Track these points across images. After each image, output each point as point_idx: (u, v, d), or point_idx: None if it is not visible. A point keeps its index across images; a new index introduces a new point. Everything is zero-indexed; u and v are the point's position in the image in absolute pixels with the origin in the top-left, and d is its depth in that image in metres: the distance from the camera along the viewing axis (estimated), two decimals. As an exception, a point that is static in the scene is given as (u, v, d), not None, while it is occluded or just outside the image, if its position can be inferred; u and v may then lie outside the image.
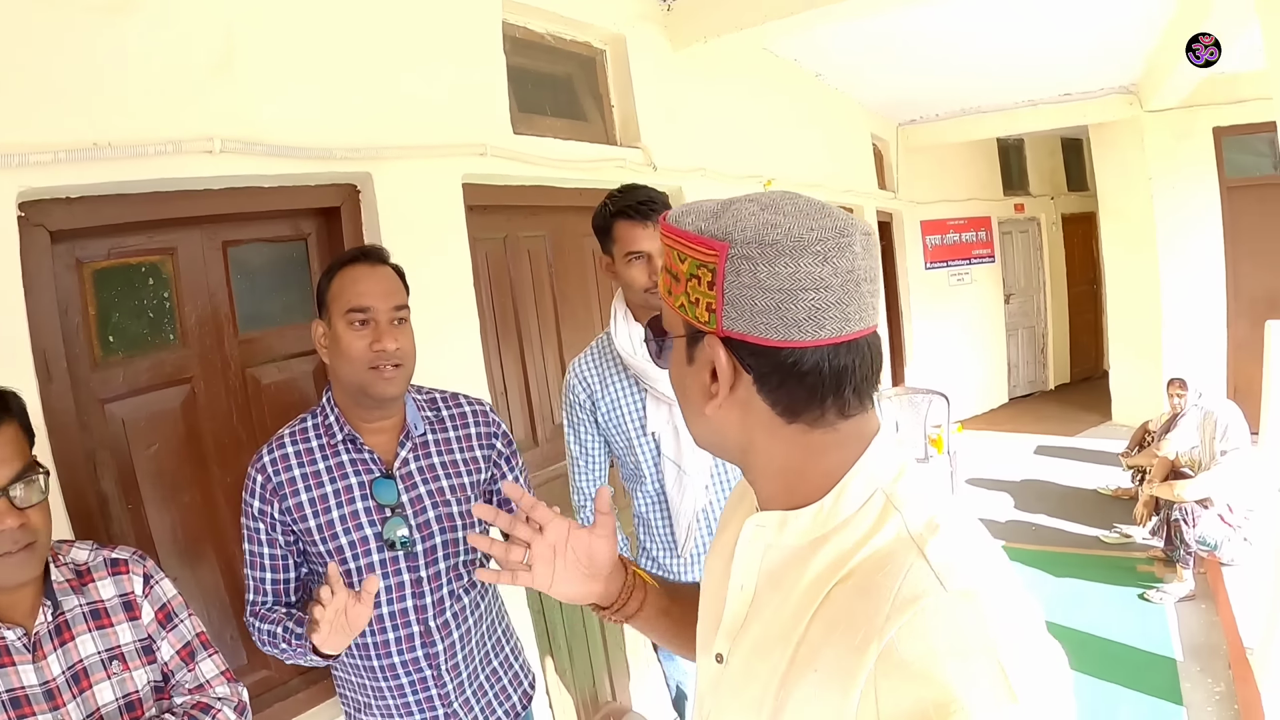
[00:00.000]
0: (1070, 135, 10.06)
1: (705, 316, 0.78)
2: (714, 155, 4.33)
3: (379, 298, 1.65)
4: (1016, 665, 0.65)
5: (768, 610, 0.83)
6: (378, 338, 1.63)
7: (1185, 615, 4.37)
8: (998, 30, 5.18)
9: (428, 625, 1.71)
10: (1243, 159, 7.37)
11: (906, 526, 0.75)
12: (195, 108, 1.98)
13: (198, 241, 2.18)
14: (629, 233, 2.02)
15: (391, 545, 1.67)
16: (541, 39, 3.34)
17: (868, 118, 7.38)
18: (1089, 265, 10.72)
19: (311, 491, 1.67)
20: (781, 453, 0.82)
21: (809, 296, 0.74)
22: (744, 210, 0.77)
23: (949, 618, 0.67)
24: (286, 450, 1.70)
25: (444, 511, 1.73)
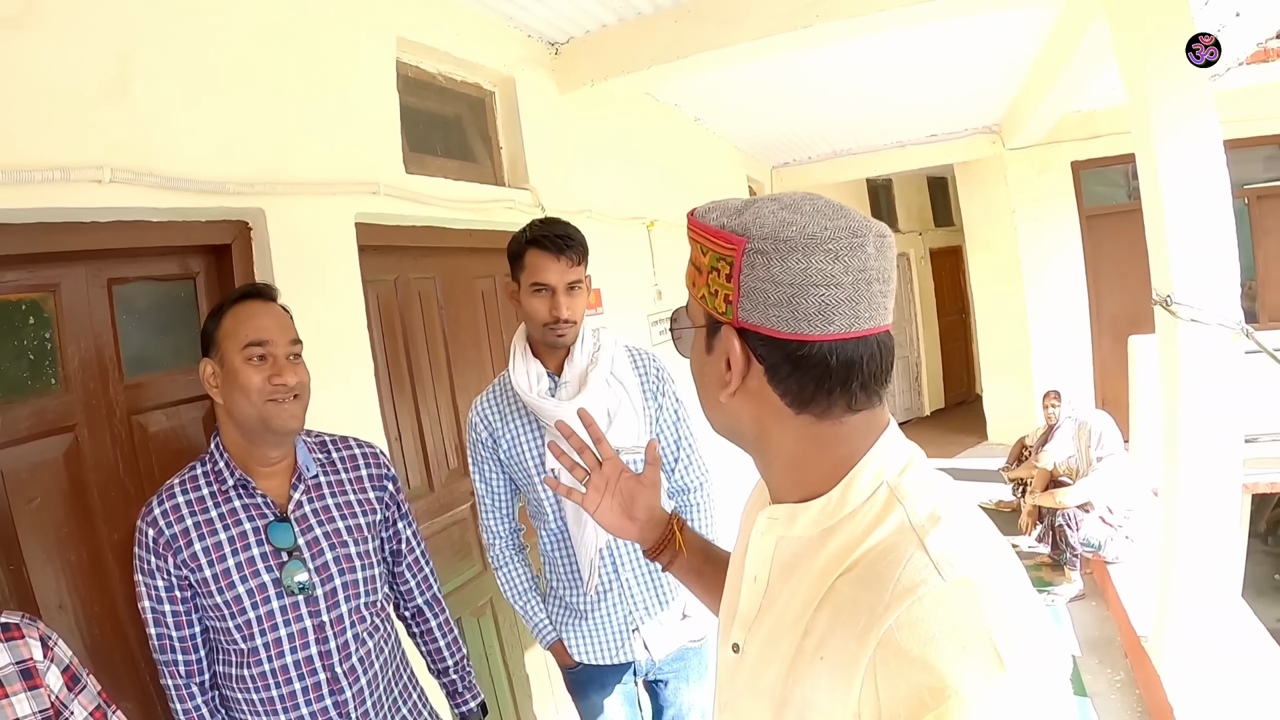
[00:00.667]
0: (936, 174, 10.60)
1: (723, 307, 0.82)
2: (600, 196, 4.38)
3: (276, 332, 1.67)
4: (1013, 653, 0.67)
5: (780, 601, 0.86)
6: (277, 371, 1.64)
7: (1078, 614, 4.58)
8: (867, 76, 5.37)
9: (334, 671, 1.68)
10: (1100, 189, 7.93)
11: (909, 518, 0.78)
12: (85, 134, 1.89)
13: (82, 279, 2.06)
14: (538, 262, 2.02)
15: (291, 591, 1.64)
16: (433, 79, 3.34)
17: (744, 160, 7.57)
18: (957, 295, 11.28)
19: (205, 540, 1.63)
20: (791, 442, 0.85)
21: (820, 292, 0.77)
22: (765, 208, 0.81)
23: (945, 606, 0.69)
24: (177, 500, 1.66)
25: (342, 553, 1.73)
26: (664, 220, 5.21)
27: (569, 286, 2.04)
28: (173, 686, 1.68)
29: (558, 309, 2.01)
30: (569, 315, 2.03)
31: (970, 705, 0.64)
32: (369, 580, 1.78)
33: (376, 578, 1.82)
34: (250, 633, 1.63)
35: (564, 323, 2.03)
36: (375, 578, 1.81)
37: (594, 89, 4.00)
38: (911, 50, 4.86)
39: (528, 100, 3.77)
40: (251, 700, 1.66)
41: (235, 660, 1.66)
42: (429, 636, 2.04)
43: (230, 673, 1.67)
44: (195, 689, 1.69)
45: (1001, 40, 4.86)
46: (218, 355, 1.65)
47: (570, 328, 2.05)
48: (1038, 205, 7.99)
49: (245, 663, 1.65)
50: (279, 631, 1.64)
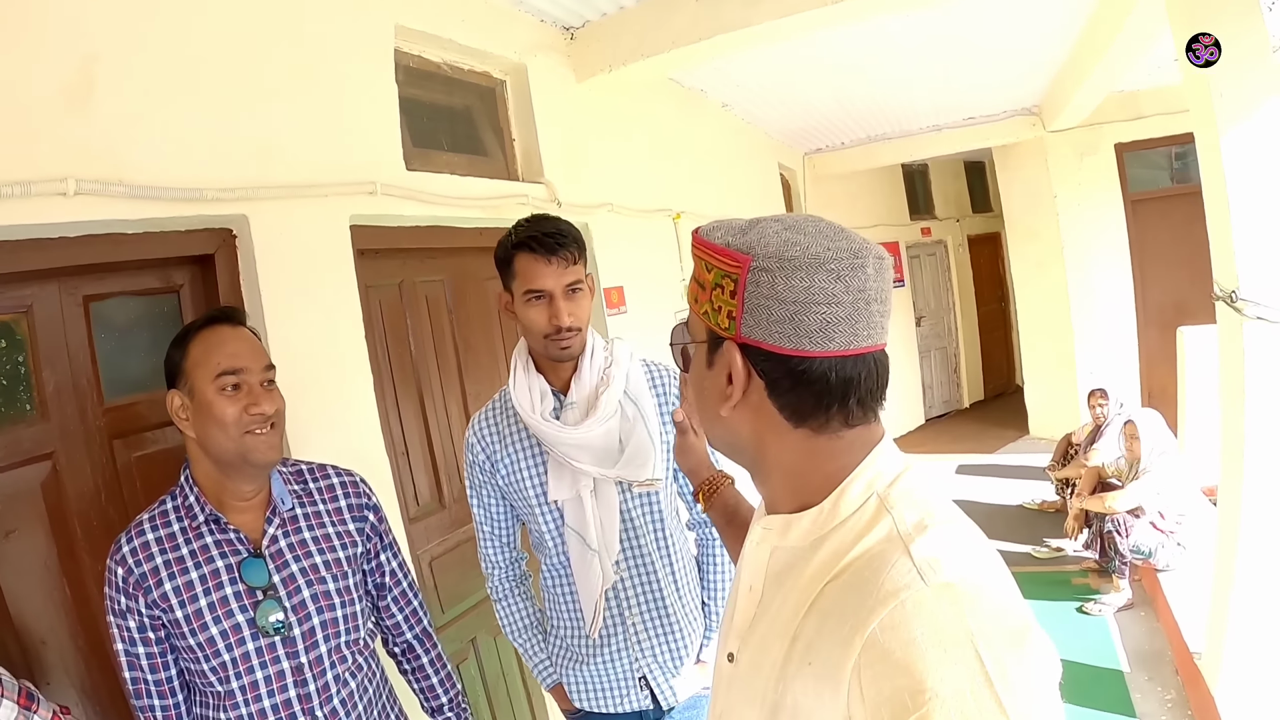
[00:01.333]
0: (973, 158, 10.35)
1: (726, 323, 0.85)
2: (621, 189, 4.22)
3: (250, 359, 1.60)
4: (994, 656, 0.68)
5: (772, 609, 0.88)
6: (254, 401, 1.57)
7: (1126, 625, 4.37)
8: (901, 56, 5.21)
9: (314, 715, 1.62)
10: (1144, 173, 7.66)
11: (896, 526, 0.80)
12: (47, 145, 1.78)
13: (55, 297, 1.97)
14: (530, 268, 1.80)
15: (266, 632, 1.58)
16: (438, 69, 3.17)
17: (775, 147, 7.40)
18: (996, 284, 11.01)
19: (176, 579, 1.56)
20: (788, 455, 0.88)
21: (821, 310, 0.81)
22: (769, 228, 0.85)
23: (927, 609, 0.71)
24: (147, 537, 1.58)
25: (319, 590, 1.65)
26: (691, 212, 5.05)
27: (568, 289, 1.81)
28: None
29: (558, 316, 1.79)
30: (572, 322, 1.80)
31: (951, 708, 0.66)
32: (349, 618, 1.70)
33: (358, 614, 1.73)
34: (226, 675, 1.56)
35: (567, 331, 1.81)
36: (356, 614, 1.72)
37: (612, 75, 3.84)
38: (947, 27, 4.68)
39: (541, 89, 3.60)
40: None
41: (214, 703, 1.60)
42: (420, 673, 1.94)
43: (208, 715, 1.61)
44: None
45: (1043, 13, 4.64)
46: (186, 386, 1.57)
47: (575, 336, 1.83)
48: (1080, 189, 7.73)
49: (223, 706, 1.58)
50: (255, 674, 1.57)
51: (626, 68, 3.77)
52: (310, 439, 2.27)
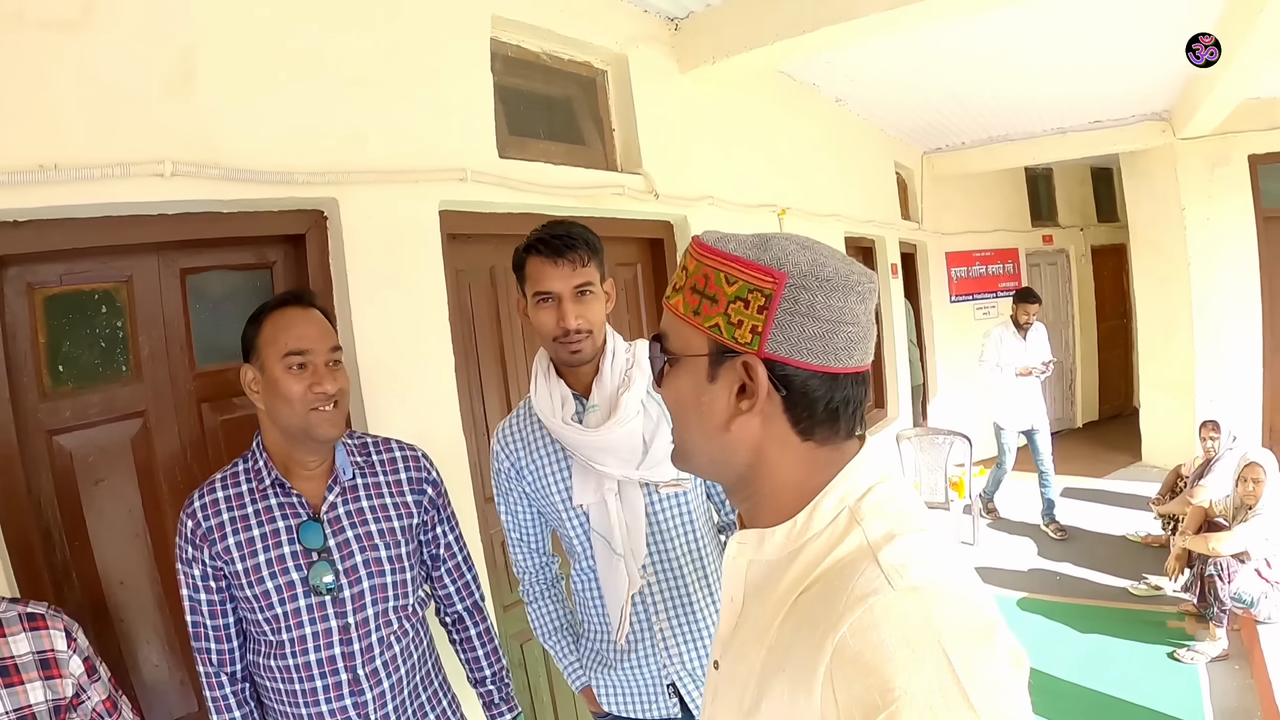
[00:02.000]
0: (1100, 164, 9.82)
1: (747, 337, 0.85)
2: (724, 183, 4.17)
3: (316, 340, 1.67)
4: (961, 655, 0.70)
5: (751, 619, 0.91)
6: (317, 380, 1.65)
7: (1217, 676, 4.10)
8: (1026, 55, 5.02)
9: (356, 673, 1.70)
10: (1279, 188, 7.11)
11: (866, 537, 0.83)
12: (147, 129, 1.90)
13: (154, 269, 2.10)
14: (539, 270, 1.80)
15: (317, 591, 1.67)
16: (536, 58, 3.19)
17: (891, 145, 7.19)
18: (1119, 299, 10.44)
19: (239, 535, 1.66)
20: (786, 467, 0.90)
21: (848, 329, 0.85)
22: (788, 246, 0.86)
23: (894, 612, 0.73)
24: (217, 495, 1.69)
25: (371, 556, 1.73)
26: (798, 209, 4.97)
27: (577, 292, 1.79)
28: (204, 674, 1.72)
29: (564, 318, 1.78)
30: (579, 324, 1.79)
31: (919, 706, 0.67)
32: (399, 585, 1.78)
33: (408, 582, 1.81)
34: (278, 627, 1.66)
35: (575, 334, 1.79)
36: (407, 582, 1.80)
37: (716, 66, 3.78)
38: (1073, 23, 4.45)
39: (643, 79, 3.59)
40: (279, 690, 1.70)
41: (265, 650, 1.70)
42: (468, 645, 2.00)
43: (259, 662, 1.71)
44: (225, 679, 1.73)
45: (1174, 8, 4.35)
46: (258, 362, 1.67)
47: (584, 339, 1.81)
48: (1210, 202, 7.20)
49: (274, 654, 1.68)
50: (304, 629, 1.67)
51: (731, 59, 3.71)
52: (388, 416, 2.34)
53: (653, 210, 3.62)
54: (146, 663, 2.09)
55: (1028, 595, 5.21)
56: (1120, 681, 4.03)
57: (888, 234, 6.85)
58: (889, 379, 6.93)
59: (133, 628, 2.07)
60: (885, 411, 6.92)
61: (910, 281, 8.07)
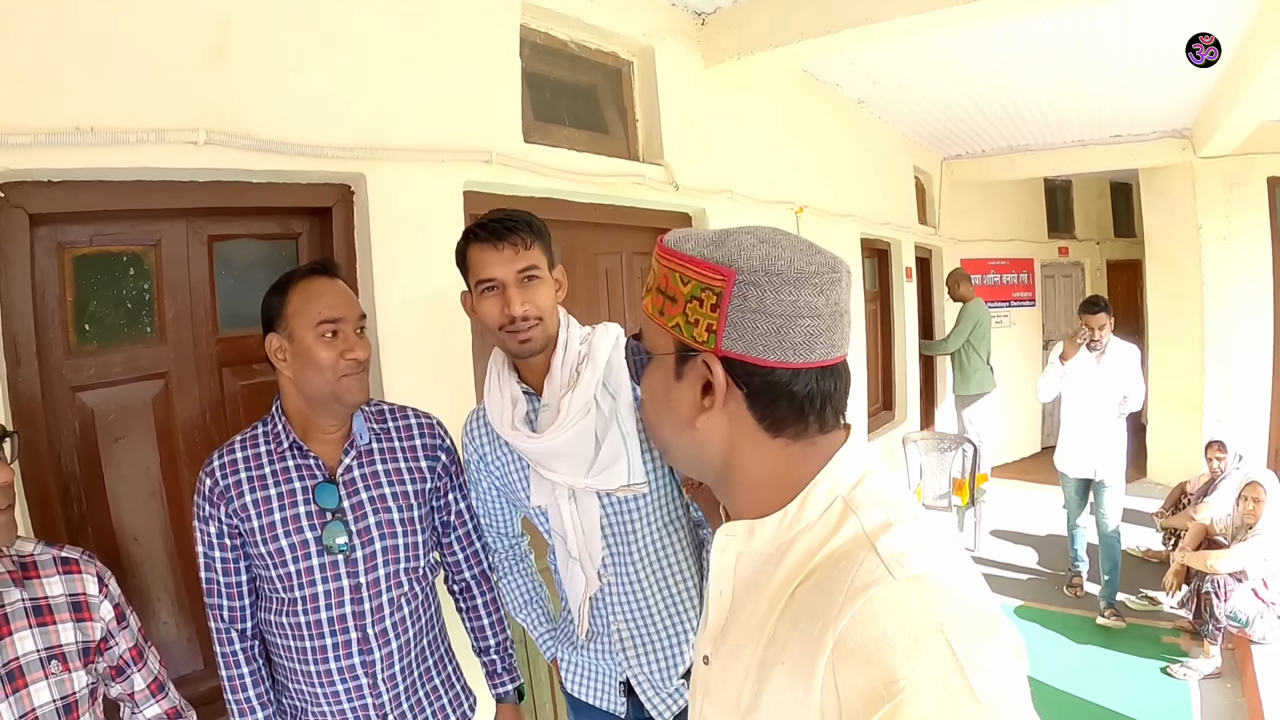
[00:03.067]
0: (1120, 179, 9.77)
1: (704, 336, 0.85)
2: (742, 178, 4.19)
3: (346, 308, 1.70)
4: (964, 644, 0.69)
5: (744, 613, 0.89)
6: (349, 347, 1.68)
7: (1209, 694, 4.10)
8: (1048, 64, 5.01)
9: (365, 632, 1.73)
10: (1297, 212, 7.05)
11: (862, 526, 0.82)
12: (182, 98, 1.94)
13: (182, 234, 2.14)
14: (480, 258, 1.69)
15: (331, 550, 1.70)
16: (564, 46, 3.23)
17: (912, 149, 7.19)
18: (1133, 314, 10.36)
19: (256, 493, 1.70)
20: (760, 464, 0.89)
21: (805, 323, 0.83)
22: (744, 241, 0.84)
23: (897, 602, 0.73)
24: (235, 455, 1.73)
25: (384, 518, 1.76)
26: (815, 207, 4.99)
27: (521, 277, 1.67)
28: (214, 629, 1.76)
29: (509, 305, 1.66)
30: (526, 310, 1.66)
31: (924, 696, 0.67)
32: (410, 547, 1.81)
33: (419, 545, 1.84)
34: (290, 584, 1.70)
35: (522, 321, 1.67)
36: (417, 544, 1.83)
37: (741, 62, 3.80)
38: (1099, 34, 4.45)
39: (668, 72, 3.61)
40: (289, 647, 1.73)
41: (277, 607, 1.74)
42: (474, 613, 2.02)
43: (271, 619, 1.75)
44: (235, 635, 1.76)
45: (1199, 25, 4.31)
46: (286, 331, 1.69)
47: (533, 327, 1.69)
48: (1227, 222, 7.17)
49: (285, 611, 1.72)
50: (316, 587, 1.70)
51: (755, 56, 3.73)
52: (404, 387, 2.37)
53: (672, 201, 3.66)
54: (156, 619, 2.13)
55: (1025, 603, 5.23)
56: (1112, 693, 4.04)
57: (904, 237, 6.86)
58: (897, 381, 6.95)
59: (144, 584, 2.11)
60: (893, 414, 6.92)
61: (924, 286, 8.05)
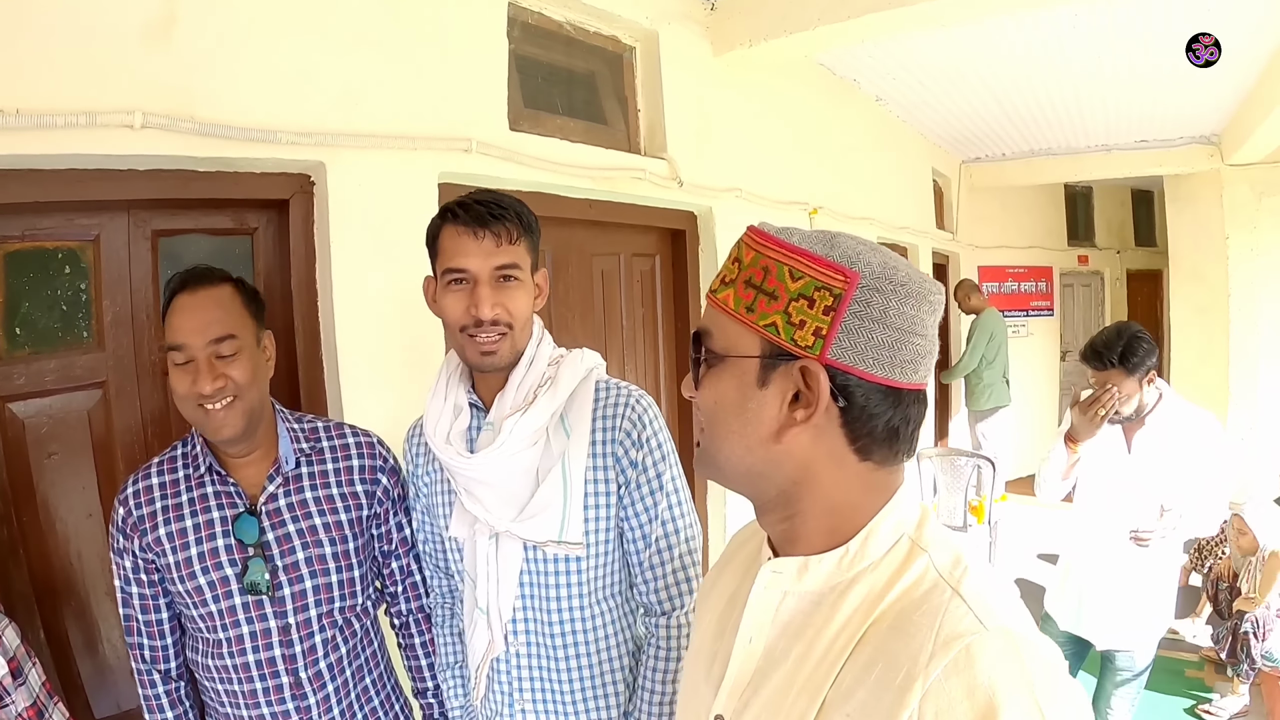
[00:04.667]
0: (1142, 186, 9.65)
1: (809, 340, 0.78)
2: (752, 175, 3.98)
3: (193, 333, 1.49)
4: (1051, 704, 0.68)
5: (788, 661, 0.83)
6: (195, 378, 1.48)
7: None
8: (1076, 64, 4.82)
9: (297, 676, 1.59)
10: (1326, 223, 6.87)
11: (935, 567, 0.78)
12: (117, 75, 1.75)
13: (123, 229, 1.98)
14: (454, 243, 1.43)
15: (253, 589, 1.55)
16: (559, 28, 3.01)
17: (930, 151, 7.00)
18: (1153, 326, 10.21)
19: (171, 525, 1.55)
20: (842, 489, 0.83)
21: (917, 342, 0.79)
22: (859, 245, 0.79)
23: (991, 655, 0.70)
24: (152, 481, 1.59)
25: (315, 553, 1.61)
26: (830, 208, 4.79)
27: (498, 275, 1.43)
28: (135, 671, 1.64)
29: (478, 305, 1.41)
30: (495, 314, 1.42)
31: None
32: (345, 584, 1.65)
33: (355, 580, 1.67)
34: (213, 625, 1.56)
35: (490, 325, 1.42)
36: (354, 580, 1.67)
37: (753, 50, 3.59)
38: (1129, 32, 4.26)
39: (674, 60, 3.40)
40: (218, 690, 1.61)
41: (203, 648, 1.61)
42: (412, 653, 1.84)
43: (198, 660, 1.62)
44: (158, 676, 1.63)
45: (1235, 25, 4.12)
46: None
47: (501, 338, 1.44)
48: (1255, 233, 6.99)
49: (211, 653, 1.59)
50: (241, 629, 1.56)
51: (769, 43, 3.52)
52: (366, 404, 2.20)
53: (675, 199, 3.45)
54: (97, 650, 1.99)
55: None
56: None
57: (921, 242, 6.66)
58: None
59: (84, 610, 1.98)
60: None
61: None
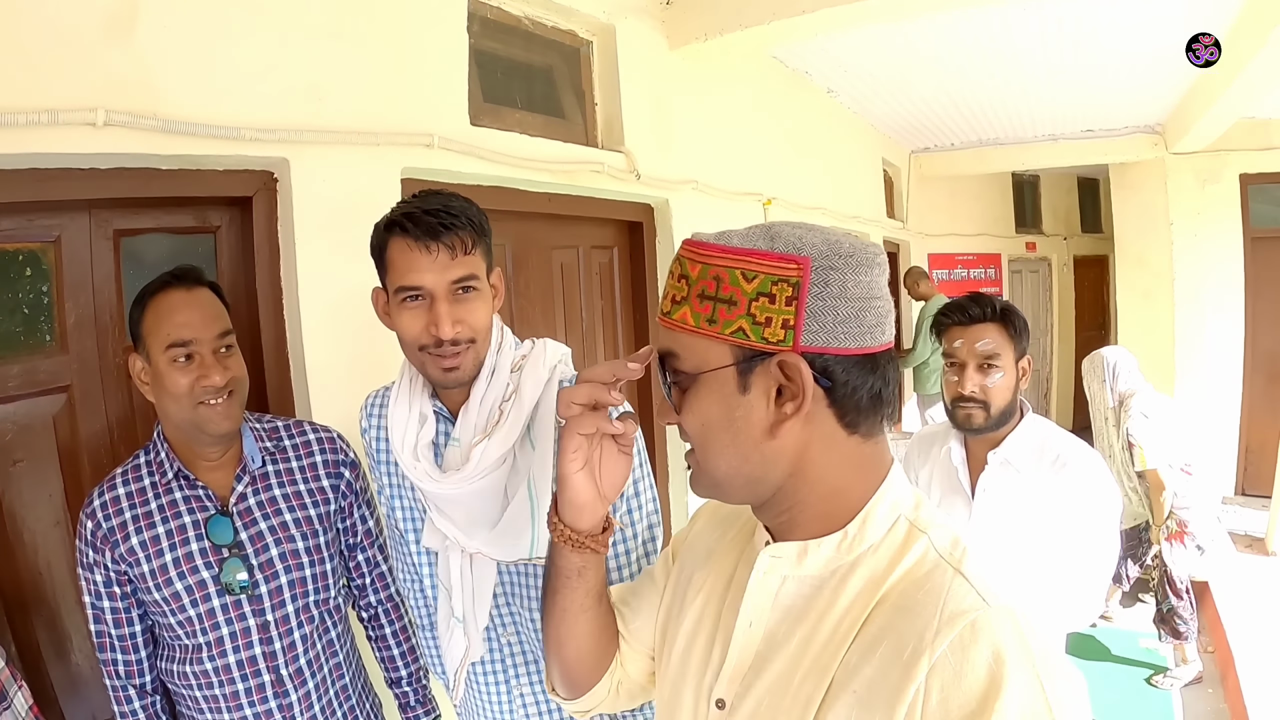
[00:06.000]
0: (1087, 174, 9.87)
1: (779, 334, 0.78)
2: (707, 168, 4.00)
3: (200, 328, 1.51)
4: (1052, 681, 0.70)
5: (791, 645, 0.84)
6: (204, 373, 1.50)
7: (1191, 703, 4.07)
8: (1021, 56, 4.93)
9: (279, 673, 1.61)
10: (1268, 209, 7.14)
11: (935, 548, 0.80)
12: (79, 72, 1.71)
13: (85, 229, 1.93)
14: (405, 259, 1.36)
15: (230, 589, 1.57)
16: (518, 22, 3.01)
17: (880, 142, 7.09)
18: (1099, 310, 10.52)
19: (143, 534, 1.55)
20: (837, 467, 0.83)
21: (877, 305, 0.81)
22: (795, 230, 0.81)
23: (995, 631, 0.71)
24: (118, 492, 1.58)
25: (288, 549, 1.63)
26: (783, 200, 4.82)
27: (455, 288, 1.37)
28: (110, 688, 1.63)
29: (438, 323, 1.35)
30: (457, 331, 1.36)
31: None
32: (319, 577, 1.68)
33: (328, 574, 1.70)
34: (192, 630, 1.56)
35: (450, 345, 1.37)
36: (327, 574, 1.70)
37: (708, 44, 3.62)
38: (1072, 27, 4.38)
39: (630, 53, 3.41)
40: (197, 697, 1.61)
41: (180, 656, 1.60)
42: (383, 643, 1.87)
43: (175, 669, 1.61)
44: (134, 692, 1.63)
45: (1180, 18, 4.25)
46: (144, 351, 1.54)
47: (463, 352, 1.39)
48: (1198, 219, 7.21)
49: (189, 659, 1.59)
50: (220, 630, 1.57)
51: (724, 37, 3.55)
52: (334, 400, 2.18)
53: (633, 191, 3.46)
54: (69, 660, 1.95)
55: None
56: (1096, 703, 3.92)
57: (872, 231, 6.73)
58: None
59: (55, 620, 1.94)
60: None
61: (894, 281, 7.95)
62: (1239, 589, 4.80)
